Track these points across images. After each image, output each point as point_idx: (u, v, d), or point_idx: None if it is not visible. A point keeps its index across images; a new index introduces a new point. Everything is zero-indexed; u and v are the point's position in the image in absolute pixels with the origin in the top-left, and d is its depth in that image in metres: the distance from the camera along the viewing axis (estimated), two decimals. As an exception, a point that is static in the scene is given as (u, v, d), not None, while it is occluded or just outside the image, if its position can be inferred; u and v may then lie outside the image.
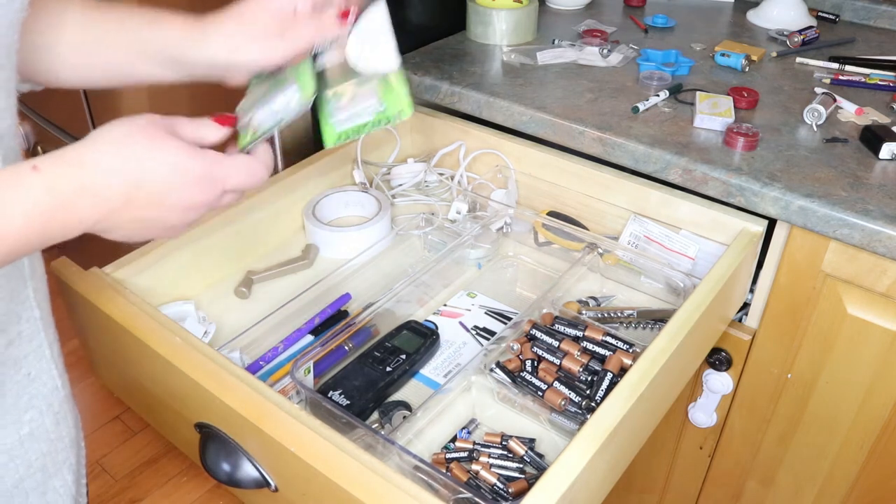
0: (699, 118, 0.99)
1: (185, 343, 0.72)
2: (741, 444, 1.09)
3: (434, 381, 0.84)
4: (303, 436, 0.63)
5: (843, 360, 0.94)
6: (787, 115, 1.03)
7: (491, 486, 0.72)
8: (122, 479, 1.61)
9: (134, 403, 0.98)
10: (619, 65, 1.18)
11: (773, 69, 1.18)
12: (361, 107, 0.67)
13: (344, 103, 0.67)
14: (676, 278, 0.89)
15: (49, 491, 0.59)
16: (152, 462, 1.65)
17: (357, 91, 0.68)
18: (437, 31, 1.29)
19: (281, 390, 0.76)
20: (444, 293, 0.98)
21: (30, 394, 0.57)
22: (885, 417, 0.95)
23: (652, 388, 0.70)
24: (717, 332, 0.96)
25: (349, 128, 0.67)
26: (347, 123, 0.66)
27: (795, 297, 0.94)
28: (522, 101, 1.06)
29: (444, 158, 1.14)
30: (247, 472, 0.69)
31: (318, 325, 0.89)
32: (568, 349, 0.81)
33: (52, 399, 0.59)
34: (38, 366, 0.58)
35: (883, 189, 0.87)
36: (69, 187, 0.46)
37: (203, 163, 0.51)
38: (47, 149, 1.88)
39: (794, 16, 1.33)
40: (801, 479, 1.07)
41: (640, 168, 0.97)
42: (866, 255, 0.86)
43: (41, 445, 0.58)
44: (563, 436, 0.78)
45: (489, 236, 1.01)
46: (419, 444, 0.77)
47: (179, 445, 0.87)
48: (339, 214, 1.07)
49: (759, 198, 0.88)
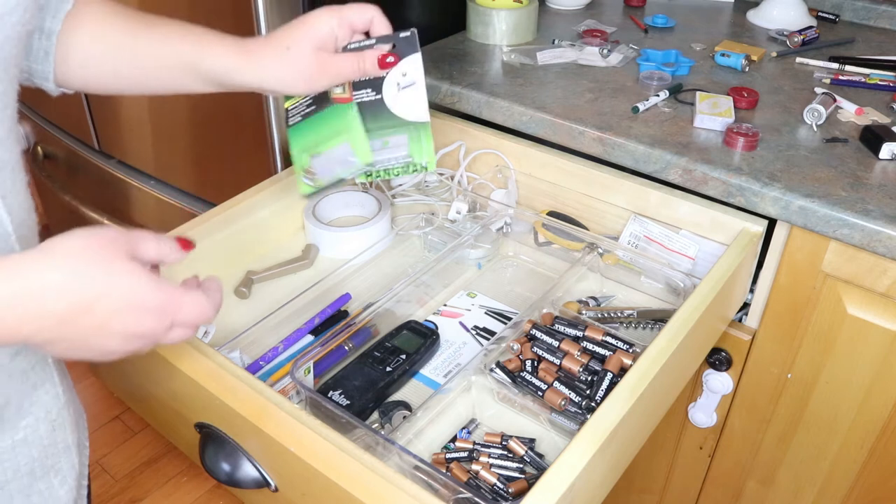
0: (699, 118, 0.99)
1: (185, 343, 0.72)
2: (741, 444, 1.09)
3: (434, 381, 0.84)
4: (303, 436, 0.63)
5: (843, 360, 0.94)
6: (787, 115, 1.03)
7: (491, 486, 0.72)
8: (122, 479, 1.61)
9: (134, 403, 0.98)
10: (619, 65, 1.18)
11: (773, 69, 1.18)
12: (393, 155, 0.71)
13: (378, 147, 0.71)
14: (676, 278, 0.89)
15: (34, 494, 0.59)
16: (152, 462, 1.65)
17: (390, 139, 0.70)
18: (437, 31, 1.29)
19: (281, 390, 0.76)
20: (444, 293, 0.98)
21: (31, 401, 0.57)
22: (885, 417, 0.95)
23: (652, 388, 0.70)
24: (717, 332, 0.96)
25: (379, 170, 0.72)
26: (378, 166, 0.72)
27: (795, 297, 0.94)
28: (522, 101, 1.06)
29: (444, 158, 1.14)
30: (247, 472, 0.69)
31: (318, 325, 0.89)
32: (568, 349, 0.81)
33: (52, 406, 0.59)
34: (42, 375, 0.58)
35: (883, 189, 0.87)
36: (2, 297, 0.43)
37: (159, 295, 0.49)
38: (47, 149, 1.88)
39: (794, 16, 1.33)
40: (801, 479, 1.07)
41: (640, 168, 0.97)
42: (866, 255, 0.86)
43: (32, 451, 0.58)
44: (563, 436, 0.78)
45: (489, 236, 1.01)
46: (419, 444, 0.77)
47: (179, 445, 0.87)
48: (339, 214, 1.07)
49: (759, 198, 0.88)
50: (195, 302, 0.51)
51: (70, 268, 0.45)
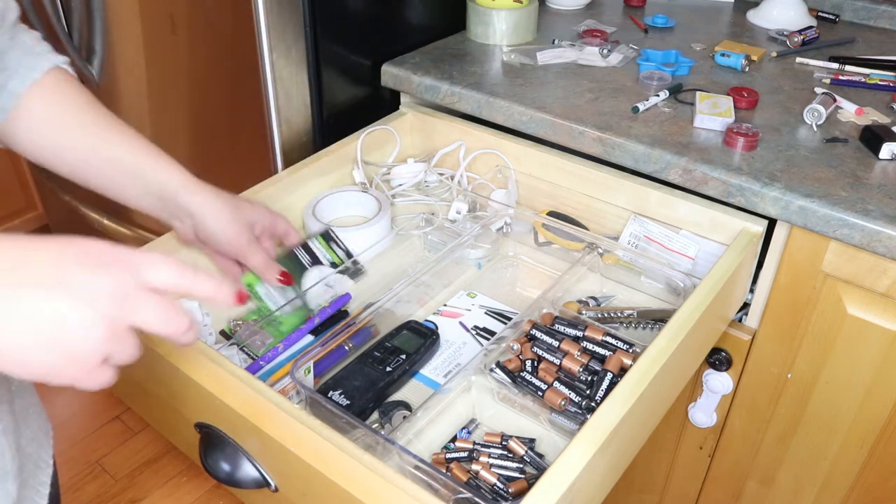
0: (699, 118, 0.99)
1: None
2: (741, 444, 1.09)
3: (434, 381, 0.84)
4: (303, 436, 0.63)
5: (843, 360, 0.94)
6: (787, 115, 1.03)
7: (491, 486, 0.72)
8: (122, 479, 1.61)
9: (134, 403, 0.98)
10: (619, 65, 1.18)
11: (773, 69, 1.18)
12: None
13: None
14: (676, 278, 0.89)
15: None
16: (152, 462, 1.65)
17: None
18: (437, 31, 1.29)
19: (281, 390, 0.76)
20: (444, 293, 0.98)
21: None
22: (885, 417, 0.95)
23: (652, 388, 0.70)
24: (717, 332, 0.96)
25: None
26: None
27: (795, 297, 0.94)
28: (522, 101, 1.06)
29: (444, 158, 1.14)
30: (247, 472, 0.69)
31: (318, 325, 0.89)
32: (568, 349, 0.81)
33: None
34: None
35: (883, 189, 0.87)
36: None
37: (107, 246, 0.44)
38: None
39: (794, 16, 1.33)
40: (801, 479, 1.07)
41: (640, 168, 0.97)
42: (866, 255, 0.86)
43: None
44: (563, 436, 0.78)
45: (489, 236, 1.01)
46: (419, 444, 0.77)
47: (179, 445, 0.87)
48: (339, 214, 1.07)
49: (759, 198, 0.88)
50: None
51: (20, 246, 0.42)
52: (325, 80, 1.13)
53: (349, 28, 1.14)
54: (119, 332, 0.43)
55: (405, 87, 1.17)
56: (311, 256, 0.93)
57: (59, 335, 0.41)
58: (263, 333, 0.87)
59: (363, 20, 1.16)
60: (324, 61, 1.12)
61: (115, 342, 0.43)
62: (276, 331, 0.87)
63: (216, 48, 1.14)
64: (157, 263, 0.46)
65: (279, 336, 0.86)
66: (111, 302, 0.42)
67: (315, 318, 0.89)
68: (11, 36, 0.66)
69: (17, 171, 2.04)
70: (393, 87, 1.19)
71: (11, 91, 0.65)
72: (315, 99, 1.13)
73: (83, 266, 0.43)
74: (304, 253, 0.93)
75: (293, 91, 1.10)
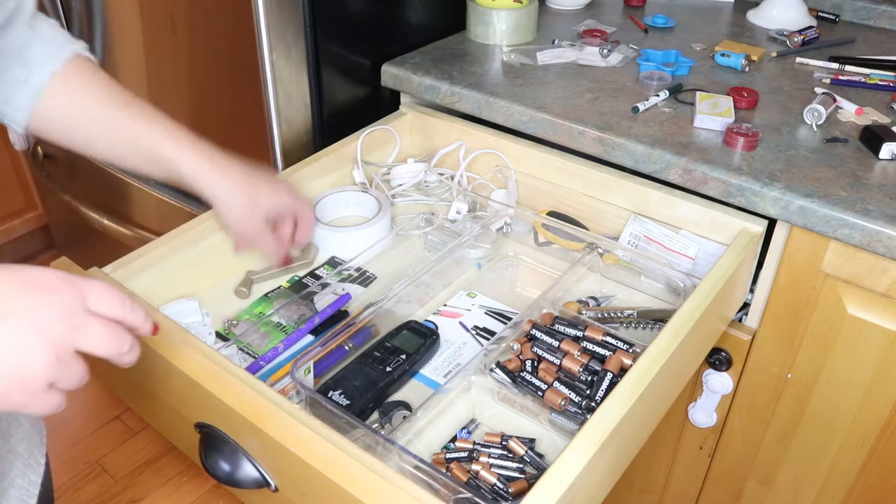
0: (699, 118, 0.99)
1: (184, 343, 0.72)
2: (741, 444, 1.09)
3: (434, 381, 0.84)
4: (303, 436, 0.63)
5: (843, 360, 0.94)
6: (787, 115, 1.03)
7: (491, 486, 0.72)
8: (122, 479, 1.61)
9: (134, 403, 0.98)
10: (619, 65, 1.18)
11: (773, 69, 1.18)
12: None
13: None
14: (676, 278, 0.89)
15: None
16: (152, 462, 1.65)
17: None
18: (437, 31, 1.29)
19: (281, 390, 0.76)
20: (444, 293, 0.98)
21: None
22: (885, 417, 0.95)
23: (652, 388, 0.70)
24: (717, 332, 0.96)
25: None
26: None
27: (795, 297, 0.94)
28: (522, 101, 1.06)
29: (444, 158, 1.14)
30: (247, 472, 0.69)
31: (318, 325, 0.89)
32: (568, 349, 0.81)
33: None
34: None
35: (883, 189, 0.87)
36: None
37: (50, 272, 0.45)
38: (47, 149, 1.87)
39: (794, 16, 1.33)
40: (801, 479, 1.07)
41: (640, 168, 0.97)
42: (866, 255, 0.86)
43: None
44: (563, 436, 0.78)
45: (489, 236, 1.01)
46: (419, 444, 0.77)
47: (179, 445, 0.87)
48: (339, 214, 1.07)
49: (759, 198, 0.88)
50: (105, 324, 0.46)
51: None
52: (325, 80, 1.13)
53: (349, 28, 1.14)
54: (65, 358, 0.44)
55: (405, 87, 1.17)
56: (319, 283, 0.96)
57: (3, 361, 0.42)
58: (263, 333, 0.87)
59: (363, 20, 1.16)
60: (324, 61, 1.12)
61: (61, 367, 0.44)
62: (276, 330, 0.87)
63: (216, 48, 1.14)
64: (100, 292, 0.47)
65: (278, 336, 0.86)
66: (56, 327, 0.43)
67: (315, 317, 0.89)
68: (31, 25, 0.67)
69: (17, 171, 2.04)
70: (393, 87, 1.19)
71: (35, 88, 0.67)
72: (315, 99, 1.13)
73: (27, 293, 0.43)
74: (313, 281, 0.96)
75: (293, 91, 1.10)
